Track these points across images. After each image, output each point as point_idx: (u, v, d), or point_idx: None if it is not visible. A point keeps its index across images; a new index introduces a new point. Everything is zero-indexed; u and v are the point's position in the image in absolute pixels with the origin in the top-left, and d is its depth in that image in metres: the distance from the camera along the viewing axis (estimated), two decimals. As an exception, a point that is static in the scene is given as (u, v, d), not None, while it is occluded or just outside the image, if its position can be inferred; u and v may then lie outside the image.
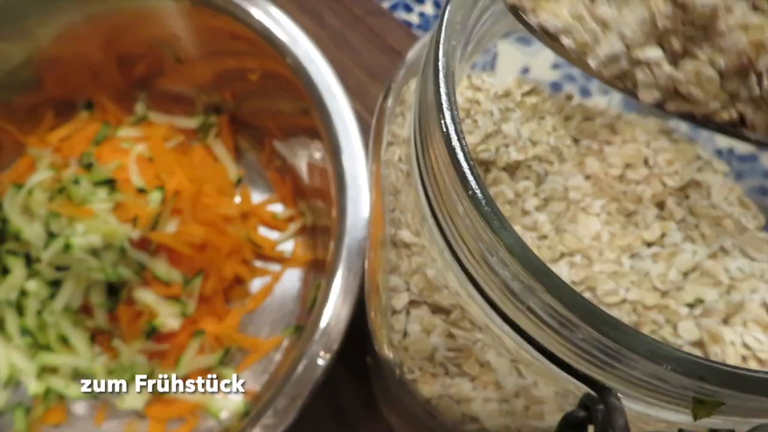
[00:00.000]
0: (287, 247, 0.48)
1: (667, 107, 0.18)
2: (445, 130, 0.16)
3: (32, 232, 0.40)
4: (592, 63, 0.18)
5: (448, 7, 0.19)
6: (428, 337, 0.25)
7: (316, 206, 0.46)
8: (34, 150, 0.47)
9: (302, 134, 0.46)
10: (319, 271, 0.46)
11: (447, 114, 0.16)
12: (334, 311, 0.33)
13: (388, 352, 0.25)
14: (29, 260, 0.41)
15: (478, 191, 0.16)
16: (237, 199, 0.49)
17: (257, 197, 0.50)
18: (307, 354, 0.32)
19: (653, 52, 0.17)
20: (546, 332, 0.17)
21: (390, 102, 0.28)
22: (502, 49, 0.37)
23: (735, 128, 0.17)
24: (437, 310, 0.26)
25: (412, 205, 0.25)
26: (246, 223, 0.48)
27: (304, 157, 0.47)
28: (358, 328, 0.34)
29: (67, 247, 0.39)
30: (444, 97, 0.16)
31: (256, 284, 0.47)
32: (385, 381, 0.27)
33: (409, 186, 0.25)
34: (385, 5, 0.60)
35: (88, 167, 0.44)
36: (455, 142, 0.16)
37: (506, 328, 0.19)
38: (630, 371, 0.16)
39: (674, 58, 0.18)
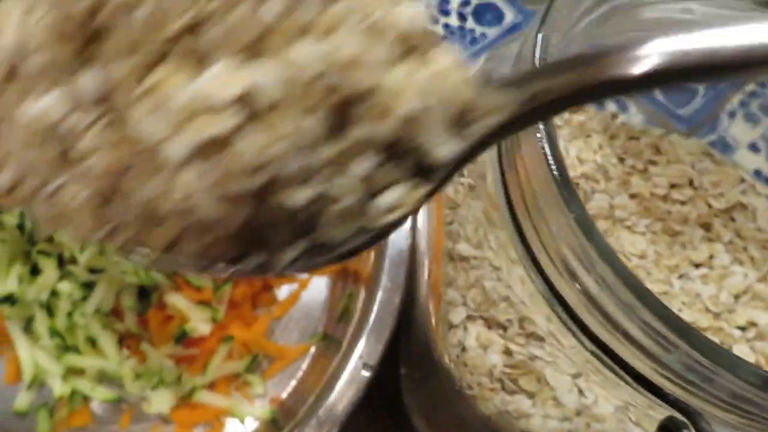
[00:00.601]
0: (315, 255, 0.48)
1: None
2: (547, 150, 0.16)
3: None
4: None
5: (540, 33, 0.19)
6: (486, 352, 0.25)
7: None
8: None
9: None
10: (347, 279, 0.45)
11: (547, 135, 0.16)
12: (377, 323, 0.33)
13: (448, 364, 0.25)
14: (61, 261, 0.41)
15: (580, 209, 0.16)
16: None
17: (285, 204, 0.50)
18: (348, 366, 0.32)
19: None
20: (633, 351, 0.17)
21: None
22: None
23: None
24: (494, 324, 0.26)
25: (476, 218, 0.25)
26: (274, 230, 0.47)
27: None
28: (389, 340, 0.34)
29: (103, 250, 0.39)
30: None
31: (283, 291, 0.47)
32: (440, 392, 0.27)
33: (471, 199, 0.25)
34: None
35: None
36: (559, 163, 0.16)
37: (587, 343, 0.19)
38: (723, 395, 0.16)
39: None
